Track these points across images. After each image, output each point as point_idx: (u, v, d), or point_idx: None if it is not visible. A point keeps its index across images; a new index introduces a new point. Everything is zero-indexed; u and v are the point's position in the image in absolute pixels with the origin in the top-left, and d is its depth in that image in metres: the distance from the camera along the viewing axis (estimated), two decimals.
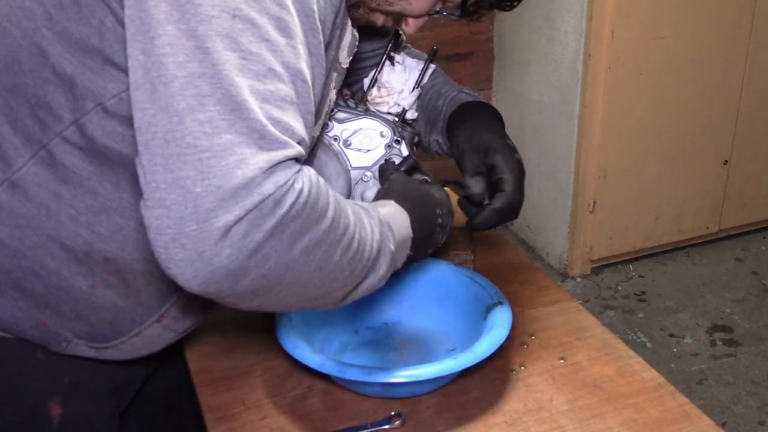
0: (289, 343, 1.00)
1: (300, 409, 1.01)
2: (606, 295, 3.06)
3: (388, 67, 1.18)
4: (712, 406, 2.45)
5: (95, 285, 0.85)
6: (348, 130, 1.12)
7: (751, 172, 3.27)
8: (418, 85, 1.19)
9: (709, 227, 3.31)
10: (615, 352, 1.11)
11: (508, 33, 3.27)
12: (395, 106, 1.17)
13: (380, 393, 1.02)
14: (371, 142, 1.12)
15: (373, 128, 1.12)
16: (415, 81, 1.19)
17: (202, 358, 1.12)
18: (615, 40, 2.77)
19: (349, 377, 0.95)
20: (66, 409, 0.92)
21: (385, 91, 1.16)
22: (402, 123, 1.16)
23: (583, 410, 0.99)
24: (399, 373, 0.94)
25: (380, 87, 1.16)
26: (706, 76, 2.99)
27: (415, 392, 1.02)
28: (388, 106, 1.16)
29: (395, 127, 1.14)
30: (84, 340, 0.89)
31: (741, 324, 2.86)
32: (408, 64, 1.20)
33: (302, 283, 0.74)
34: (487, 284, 1.12)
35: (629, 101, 2.90)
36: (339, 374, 0.96)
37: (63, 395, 0.92)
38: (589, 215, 3.07)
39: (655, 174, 3.09)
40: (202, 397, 1.04)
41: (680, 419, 0.98)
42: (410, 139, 1.13)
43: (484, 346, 0.98)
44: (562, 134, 3.01)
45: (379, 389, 1.01)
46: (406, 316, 1.18)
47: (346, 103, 1.14)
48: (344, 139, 1.11)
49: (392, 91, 1.16)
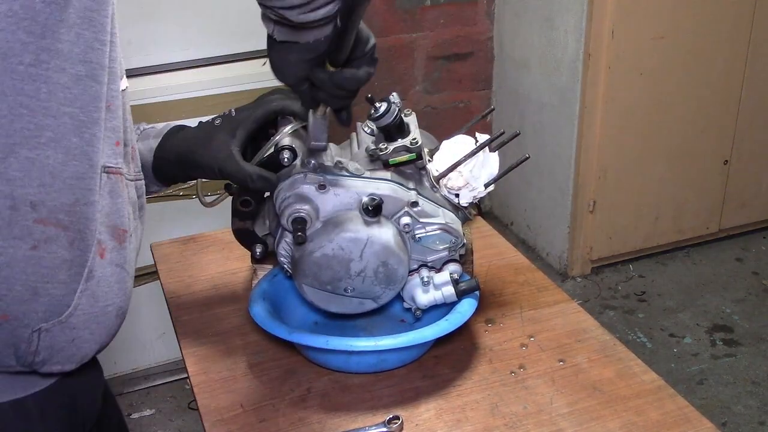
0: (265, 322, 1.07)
1: (298, 411, 1.01)
2: (606, 295, 3.06)
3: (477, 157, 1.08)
4: (712, 406, 2.45)
5: (36, 245, 0.82)
6: (423, 229, 1.05)
7: (751, 172, 3.26)
8: (496, 180, 1.09)
9: (709, 227, 3.31)
10: (615, 354, 1.10)
11: (508, 33, 3.27)
12: (468, 196, 1.08)
13: (375, 365, 1.07)
14: (443, 245, 1.06)
15: (453, 234, 1.06)
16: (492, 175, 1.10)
17: (200, 361, 1.12)
18: (615, 40, 2.77)
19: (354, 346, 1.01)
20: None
21: (463, 180, 1.07)
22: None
23: (583, 413, 0.99)
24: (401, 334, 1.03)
25: (461, 175, 1.07)
26: (706, 76, 2.98)
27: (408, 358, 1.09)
28: (458, 198, 1.08)
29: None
30: (50, 320, 0.85)
31: (741, 324, 2.86)
32: (488, 157, 1.10)
33: None
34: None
35: (629, 101, 2.90)
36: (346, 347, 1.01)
37: None
38: (589, 215, 3.06)
39: (655, 174, 3.09)
40: (200, 399, 1.04)
41: (680, 422, 0.97)
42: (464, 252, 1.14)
43: (465, 306, 1.08)
44: (562, 134, 3.01)
45: (374, 360, 1.06)
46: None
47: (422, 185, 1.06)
48: (415, 234, 1.05)
49: (473, 183, 1.08)
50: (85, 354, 0.89)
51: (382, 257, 1.01)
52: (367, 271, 1.02)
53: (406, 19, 3.14)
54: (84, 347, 0.89)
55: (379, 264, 1.02)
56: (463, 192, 1.08)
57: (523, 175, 3.35)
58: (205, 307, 1.24)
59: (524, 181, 3.35)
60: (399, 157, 1.04)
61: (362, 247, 1.00)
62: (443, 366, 1.09)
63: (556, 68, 2.98)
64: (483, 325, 1.18)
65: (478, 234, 1.44)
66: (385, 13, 3.09)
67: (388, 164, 1.05)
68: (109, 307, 0.89)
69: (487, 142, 1.08)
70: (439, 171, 1.08)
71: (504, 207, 3.59)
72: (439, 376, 1.07)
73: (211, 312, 1.23)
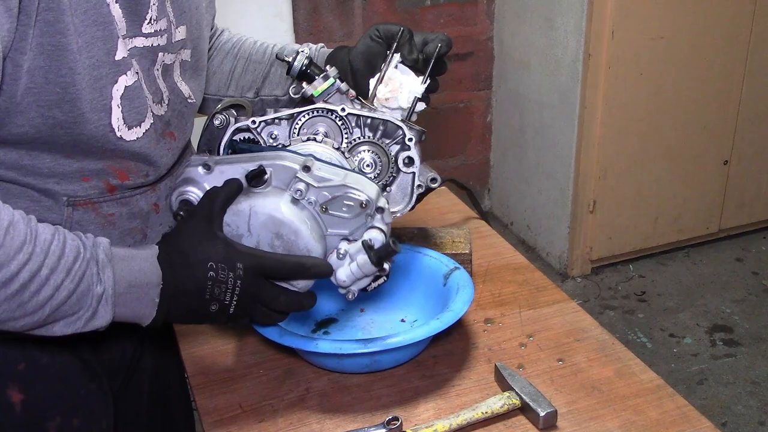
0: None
1: (297, 412, 1.01)
2: (606, 295, 3.06)
3: (394, 63, 1.13)
4: (712, 406, 2.44)
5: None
6: (326, 195, 0.98)
7: (751, 172, 3.26)
8: (430, 74, 1.11)
9: (709, 227, 3.31)
10: (614, 354, 1.10)
11: (508, 33, 3.27)
12: (408, 97, 1.10)
13: (369, 365, 1.06)
14: (351, 210, 0.98)
15: (356, 195, 0.98)
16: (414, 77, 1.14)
17: (199, 361, 1.12)
18: (615, 40, 2.77)
19: (370, 348, 1.00)
20: (27, 394, 0.93)
21: (393, 85, 1.11)
22: (411, 123, 1.13)
23: (582, 412, 0.99)
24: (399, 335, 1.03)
25: (388, 83, 1.11)
26: (706, 76, 2.98)
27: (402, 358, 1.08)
28: (398, 101, 1.11)
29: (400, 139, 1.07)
30: None
31: (741, 324, 2.86)
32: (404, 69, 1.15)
33: None
34: (437, 254, 1.17)
35: (629, 101, 2.90)
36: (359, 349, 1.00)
37: (20, 382, 0.92)
38: (589, 215, 3.06)
39: (655, 174, 3.09)
40: (199, 399, 1.04)
41: (680, 421, 0.97)
42: (418, 138, 1.10)
43: (458, 305, 1.07)
44: (562, 134, 3.01)
45: (367, 361, 1.05)
46: (361, 302, 1.21)
47: (353, 105, 1.09)
48: (321, 204, 0.98)
49: (401, 85, 1.11)
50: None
51: (272, 228, 0.95)
52: (261, 245, 0.95)
53: (406, 19, 3.14)
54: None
55: (273, 237, 0.95)
56: (400, 96, 1.10)
57: (523, 175, 3.35)
58: None
59: (524, 181, 3.35)
60: (320, 87, 1.07)
61: (247, 219, 0.95)
62: (442, 366, 1.09)
63: (556, 68, 2.98)
64: (482, 325, 1.18)
65: (477, 234, 1.44)
66: (385, 13, 3.09)
67: (312, 99, 1.07)
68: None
69: (393, 51, 1.12)
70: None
71: (504, 207, 3.59)
72: (438, 376, 1.07)
73: None
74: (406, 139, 1.07)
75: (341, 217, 0.98)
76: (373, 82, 1.12)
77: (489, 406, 0.98)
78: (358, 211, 0.98)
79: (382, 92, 1.11)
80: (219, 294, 0.89)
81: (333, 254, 0.99)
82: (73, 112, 0.83)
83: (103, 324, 0.83)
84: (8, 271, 0.75)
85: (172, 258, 0.88)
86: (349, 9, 3.04)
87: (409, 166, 1.07)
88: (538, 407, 0.96)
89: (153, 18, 0.91)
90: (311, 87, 1.08)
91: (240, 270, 0.89)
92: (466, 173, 3.54)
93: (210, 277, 0.88)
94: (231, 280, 0.89)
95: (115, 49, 0.86)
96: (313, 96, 1.08)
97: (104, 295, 0.82)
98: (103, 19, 0.84)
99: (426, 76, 1.12)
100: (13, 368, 0.92)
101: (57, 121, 0.83)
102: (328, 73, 1.08)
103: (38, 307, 0.78)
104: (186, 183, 0.99)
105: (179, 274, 0.87)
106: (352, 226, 0.99)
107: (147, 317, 0.87)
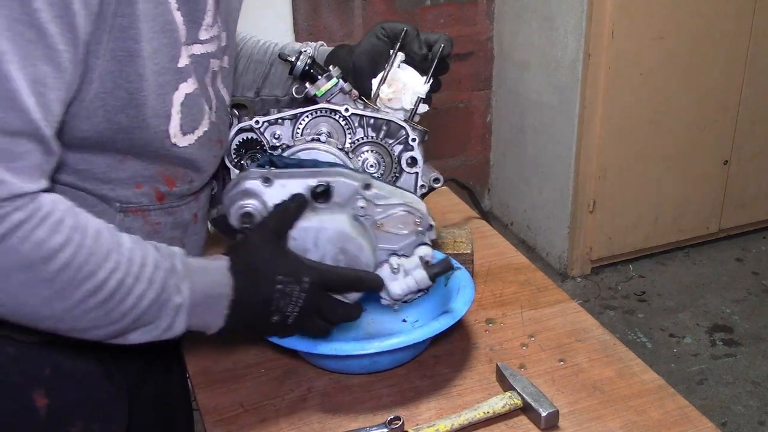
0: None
1: (299, 411, 1.01)
2: (606, 295, 3.06)
3: (398, 62, 1.13)
4: (712, 406, 2.44)
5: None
6: (382, 212, 1.02)
7: (751, 172, 3.26)
8: (432, 75, 1.13)
9: (709, 227, 3.31)
10: (615, 354, 1.10)
11: (508, 33, 3.26)
12: (412, 98, 1.11)
13: (369, 366, 1.06)
14: (406, 227, 1.03)
15: (413, 213, 1.02)
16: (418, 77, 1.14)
17: (201, 360, 1.12)
18: (615, 40, 2.77)
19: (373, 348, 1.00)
20: (52, 398, 0.92)
21: (396, 85, 1.11)
22: (413, 123, 1.13)
23: (584, 412, 0.99)
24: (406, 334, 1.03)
25: (391, 83, 1.12)
26: (706, 76, 2.98)
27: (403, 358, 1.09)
28: (401, 102, 1.11)
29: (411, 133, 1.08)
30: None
31: (741, 324, 2.86)
32: (406, 68, 1.15)
33: (28, 314, 0.75)
34: (439, 254, 1.16)
35: (629, 101, 2.90)
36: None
37: (46, 386, 0.92)
38: (589, 215, 3.06)
39: (655, 174, 3.09)
40: (201, 399, 1.04)
41: (681, 422, 0.97)
42: (421, 138, 1.10)
43: (459, 305, 1.07)
44: (562, 134, 3.01)
45: (367, 361, 1.05)
46: (363, 303, 1.20)
47: (356, 105, 1.08)
48: (377, 220, 1.02)
49: (405, 86, 1.12)
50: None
51: (338, 243, 0.98)
52: (325, 260, 0.98)
53: (406, 19, 3.14)
54: None
55: (338, 251, 0.98)
56: (403, 97, 1.11)
57: (523, 175, 3.35)
58: None
59: (524, 181, 3.35)
60: (323, 86, 1.08)
61: (315, 235, 0.97)
62: (443, 366, 1.09)
63: (556, 68, 2.98)
64: (483, 325, 1.18)
65: (478, 234, 1.44)
66: (385, 13, 3.09)
67: (315, 99, 1.08)
68: None
69: (397, 50, 1.12)
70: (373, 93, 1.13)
71: (504, 207, 3.59)
72: (439, 376, 1.07)
73: None
74: (410, 140, 1.07)
75: (395, 234, 1.02)
76: (376, 82, 1.12)
77: (491, 406, 0.98)
78: (412, 228, 1.02)
79: (386, 92, 1.11)
80: (283, 306, 0.91)
81: (384, 268, 1.03)
82: (138, 117, 0.83)
83: (177, 333, 0.84)
84: (97, 279, 0.75)
85: (242, 270, 0.89)
86: (349, 9, 3.04)
87: (413, 167, 1.07)
88: (539, 407, 0.96)
89: (209, 24, 0.91)
90: (314, 87, 1.09)
91: (306, 283, 0.92)
92: (466, 173, 3.54)
93: (278, 290, 0.90)
94: (296, 292, 0.91)
95: (179, 56, 0.86)
96: (317, 96, 1.08)
97: (182, 306, 0.83)
98: (170, 26, 0.84)
99: (429, 76, 1.12)
100: (39, 373, 0.92)
101: (120, 127, 0.83)
102: (331, 73, 1.08)
103: (122, 317, 0.79)
104: (246, 196, 0.99)
105: (249, 286, 0.89)
106: (403, 242, 1.03)
107: (214, 327, 0.88)
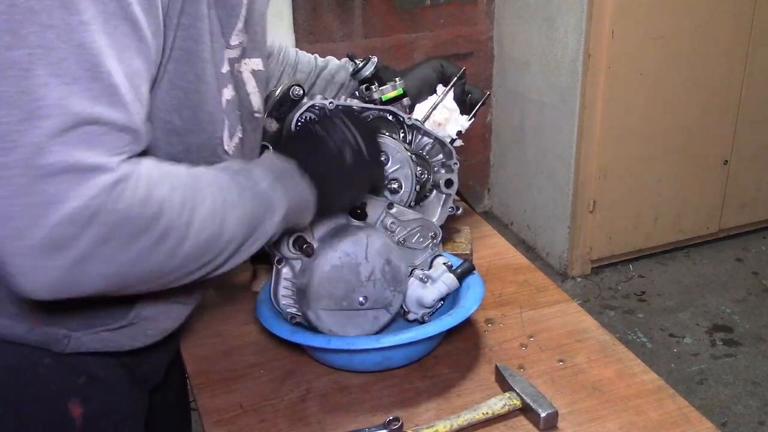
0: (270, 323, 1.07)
1: (298, 412, 1.01)
2: (606, 295, 3.06)
3: (450, 95, 1.27)
4: (712, 406, 2.44)
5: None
6: (403, 229, 1.10)
7: (751, 172, 3.26)
8: (475, 114, 1.30)
9: (709, 227, 3.31)
10: (614, 354, 1.10)
11: (508, 33, 3.26)
12: (454, 128, 1.25)
13: (380, 363, 1.07)
14: (425, 241, 1.12)
15: (431, 227, 1.12)
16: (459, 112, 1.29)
17: (200, 361, 1.12)
18: (615, 40, 2.77)
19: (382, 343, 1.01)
20: (87, 408, 0.93)
21: (446, 114, 1.24)
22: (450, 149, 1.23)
23: (583, 413, 0.99)
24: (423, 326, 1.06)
25: (443, 110, 1.24)
26: (706, 76, 2.98)
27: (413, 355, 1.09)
28: (446, 129, 1.24)
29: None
30: (82, 331, 0.89)
31: (741, 324, 2.86)
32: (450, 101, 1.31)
33: (152, 273, 0.74)
34: (455, 260, 1.17)
35: (629, 101, 2.90)
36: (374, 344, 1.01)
37: (81, 395, 0.93)
38: (589, 215, 3.06)
39: (655, 174, 3.09)
40: (200, 399, 1.04)
41: (680, 422, 0.97)
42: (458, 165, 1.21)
43: (469, 302, 1.09)
44: (562, 134, 3.01)
45: (378, 358, 1.05)
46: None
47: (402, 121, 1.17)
48: (400, 238, 1.10)
49: (451, 116, 1.25)
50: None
51: (385, 254, 1.04)
52: (375, 273, 1.04)
53: (406, 19, 3.14)
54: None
55: (384, 263, 1.04)
56: (448, 126, 1.25)
57: (523, 175, 3.35)
58: (204, 307, 1.24)
59: (524, 181, 3.35)
60: (389, 93, 1.20)
61: (365, 248, 1.02)
62: (443, 366, 1.09)
63: (556, 68, 2.98)
64: (483, 325, 1.18)
65: (478, 234, 1.44)
66: (385, 13, 3.09)
67: (381, 101, 1.20)
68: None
69: (454, 82, 1.27)
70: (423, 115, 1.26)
71: (504, 207, 3.59)
72: (438, 377, 1.07)
73: (211, 312, 1.23)
74: (452, 163, 1.20)
75: (415, 249, 1.11)
76: (425, 107, 1.25)
77: (490, 407, 0.98)
78: (428, 242, 1.11)
79: (438, 117, 1.25)
80: (341, 141, 0.89)
81: (413, 282, 1.09)
82: (191, 119, 0.82)
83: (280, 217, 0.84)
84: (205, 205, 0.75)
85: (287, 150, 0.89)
86: (349, 9, 3.04)
87: (449, 187, 1.19)
88: (539, 408, 0.96)
89: (240, 29, 0.88)
90: (380, 91, 1.21)
91: (340, 115, 0.92)
92: (466, 173, 3.54)
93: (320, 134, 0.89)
94: (340, 123, 0.90)
95: (223, 60, 0.86)
96: (381, 100, 1.20)
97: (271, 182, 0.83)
98: (216, 30, 0.83)
99: (472, 115, 1.29)
100: (74, 382, 0.93)
101: (173, 127, 0.82)
102: (397, 84, 1.21)
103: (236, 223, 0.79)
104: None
105: (300, 153, 0.88)
106: (422, 255, 1.12)
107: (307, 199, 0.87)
